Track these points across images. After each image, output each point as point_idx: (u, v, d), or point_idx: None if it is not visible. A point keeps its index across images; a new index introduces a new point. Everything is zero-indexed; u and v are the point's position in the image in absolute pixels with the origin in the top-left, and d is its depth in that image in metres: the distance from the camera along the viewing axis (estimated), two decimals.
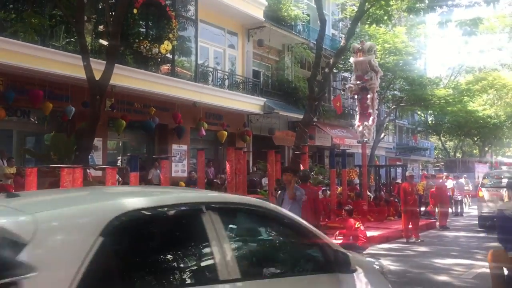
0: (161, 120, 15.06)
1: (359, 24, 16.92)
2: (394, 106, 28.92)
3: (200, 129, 16.34)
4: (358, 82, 15.33)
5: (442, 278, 7.77)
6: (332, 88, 26.50)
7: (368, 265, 3.76)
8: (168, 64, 15.40)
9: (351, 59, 15.56)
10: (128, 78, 12.86)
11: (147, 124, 14.52)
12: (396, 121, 35.27)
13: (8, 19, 11.60)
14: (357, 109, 16.15)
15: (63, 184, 7.41)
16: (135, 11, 13.17)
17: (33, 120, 13.19)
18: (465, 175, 24.15)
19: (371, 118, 15.63)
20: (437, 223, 15.26)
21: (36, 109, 12.18)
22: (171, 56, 15.28)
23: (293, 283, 3.04)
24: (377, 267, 3.88)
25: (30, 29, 10.67)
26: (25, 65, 10.79)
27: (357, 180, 18.98)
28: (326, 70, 14.92)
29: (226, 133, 17.48)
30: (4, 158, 11.67)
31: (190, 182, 15.06)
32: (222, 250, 2.65)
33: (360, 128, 15.90)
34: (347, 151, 19.63)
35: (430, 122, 38.92)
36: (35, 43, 11.09)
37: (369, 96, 15.36)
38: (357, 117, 16.30)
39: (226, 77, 18.38)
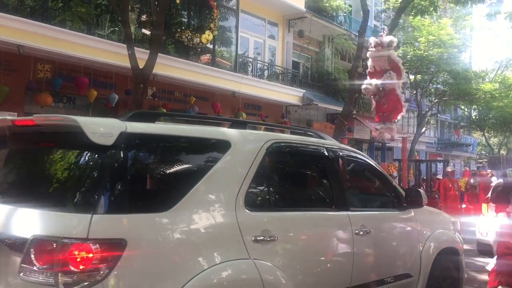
0: (201, 109, 15.22)
1: (402, 15, 16.54)
2: (436, 100, 28.17)
3: (239, 119, 16.42)
4: (375, 81, 12.80)
5: (484, 277, 7.57)
6: None
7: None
8: (209, 54, 15.53)
9: (367, 54, 12.85)
10: (169, 67, 13.05)
11: (187, 113, 14.71)
12: (438, 115, 34.38)
13: (56, 8, 11.96)
14: (373, 109, 13.47)
15: None
16: (178, 0, 13.32)
17: (78, 106, 13.59)
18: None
19: (391, 121, 12.91)
20: None
21: (81, 96, 12.53)
22: (211, 46, 15.39)
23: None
24: None
25: (77, 17, 10.97)
26: (72, 53, 11.11)
27: (395, 174, 18.66)
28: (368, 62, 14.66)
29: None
30: None
31: None
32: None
33: (379, 128, 13.49)
34: (387, 144, 19.30)
35: (474, 117, 37.70)
36: (81, 31, 11.40)
37: (387, 97, 12.68)
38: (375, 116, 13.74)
39: (265, 67, 18.36)
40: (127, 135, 2.61)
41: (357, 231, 3.72)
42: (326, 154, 3.85)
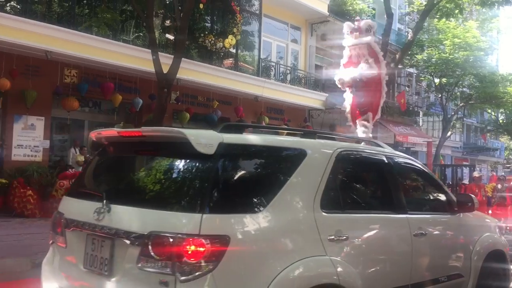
0: (224, 113, 15.29)
1: (427, 18, 16.34)
2: (462, 104, 27.71)
3: (261, 123, 16.44)
4: (351, 71, 10.91)
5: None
6: (396, 84, 25.79)
7: None
8: (231, 59, 15.60)
9: (343, 42, 11.09)
10: (192, 71, 13.15)
11: (210, 117, 14.81)
12: (464, 119, 33.80)
13: (82, 14, 12.20)
14: (350, 104, 11.28)
15: None
16: (201, 6, 13.44)
17: (103, 111, 13.81)
18: None
19: (369, 121, 11.04)
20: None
21: (107, 101, 12.74)
22: (234, 51, 15.46)
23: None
24: None
25: (103, 23, 11.17)
26: (98, 58, 11.32)
27: None
28: (392, 65, 14.53)
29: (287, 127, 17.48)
30: (77, 146, 12.35)
31: None
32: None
33: (358, 127, 11.24)
34: (411, 149, 19.07)
35: (501, 121, 36.89)
36: (107, 37, 11.60)
37: (366, 90, 10.98)
38: (349, 114, 11.41)
39: (288, 71, 18.35)
40: (224, 145, 2.95)
41: (414, 233, 4.04)
42: (386, 161, 4.20)
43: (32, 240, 7.73)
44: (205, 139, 2.92)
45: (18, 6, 11.17)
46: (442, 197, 4.85)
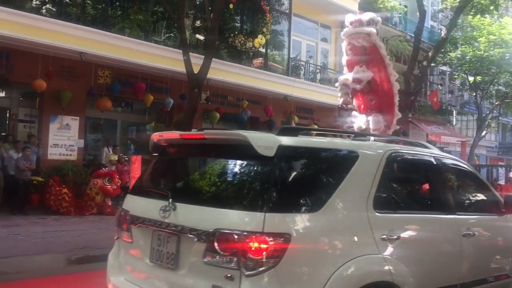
0: (253, 113, 15.33)
1: (461, 15, 15.97)
2: (498, 102, 26.96)
3: (291, 122, 16.41)
4: (351, 76, 8.72)
5: None
6: (429, 83, 25.31)
7: None
8: (261, 58, 15.62)
9: (341, 33, 9.14)
10: (222, 71, 13.22)
11: (239, 117, 14.87)
12: (500, 118, 32.86)
13: (115, 16, 12.43)
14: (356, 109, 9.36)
15: None
16: (231, 6, 13.50)
17: (135, 111, 14.05)
18: None
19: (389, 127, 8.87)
20: None
21: (139, 101, 12.94)
22: (264, 50, 15.47)
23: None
24: None
25: (136, 25, 11.35)
26: (130, 59, 11.52)
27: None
28: (424, 63, 14.26)
29: (316, 127, 17.37)
30: (110, 145, 12.60)
31: None
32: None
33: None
34: (444, 148, 18.65)
35: None
36: (139, 38, 11.79)
37: (374, 93, 8.89)
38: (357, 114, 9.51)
39: (318, 70, 18.25)
40: (282, 147, 3.06)
41: (463, 233, 4.10)
42: (434, 162, 4.27)
43: (67, 237, 7.95)
44: (266, 142, 3.04)
45: (54, 9, 11.47)
46: (489, 198, 4.84)
